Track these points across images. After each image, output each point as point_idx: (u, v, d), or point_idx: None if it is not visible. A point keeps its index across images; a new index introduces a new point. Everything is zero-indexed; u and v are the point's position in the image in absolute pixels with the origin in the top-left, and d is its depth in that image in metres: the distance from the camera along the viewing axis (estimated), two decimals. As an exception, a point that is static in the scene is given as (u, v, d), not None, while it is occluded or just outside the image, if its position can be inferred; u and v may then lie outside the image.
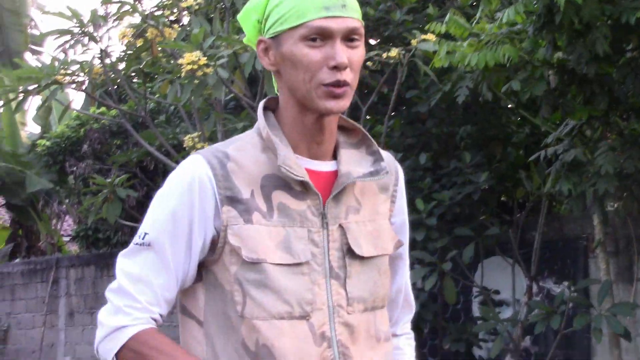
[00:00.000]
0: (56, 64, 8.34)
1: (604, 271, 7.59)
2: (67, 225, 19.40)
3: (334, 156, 2.32)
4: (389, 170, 2.37)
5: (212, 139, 8.90)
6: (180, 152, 9.03)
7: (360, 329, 2.27)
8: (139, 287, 2.20)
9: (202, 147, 8.33)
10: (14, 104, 8.96)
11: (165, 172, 11.54)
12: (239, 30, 8.31)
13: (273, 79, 2.33)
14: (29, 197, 15.79)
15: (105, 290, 2.26)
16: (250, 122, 7.90)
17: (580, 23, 6.34)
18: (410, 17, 8.27)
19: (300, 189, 2.24)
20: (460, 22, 7.26)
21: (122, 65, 9.22)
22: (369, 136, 2.35)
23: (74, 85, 8.63)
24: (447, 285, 8.24)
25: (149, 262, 2.21)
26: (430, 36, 7.40)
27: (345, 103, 2.19)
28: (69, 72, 8.45)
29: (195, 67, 7.39)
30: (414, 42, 7.58)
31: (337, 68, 2.16)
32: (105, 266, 13.08)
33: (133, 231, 12.45)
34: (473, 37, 7.13)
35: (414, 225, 7.97)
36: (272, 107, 2.32)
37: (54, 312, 13.91)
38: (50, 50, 35.49)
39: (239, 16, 2.33)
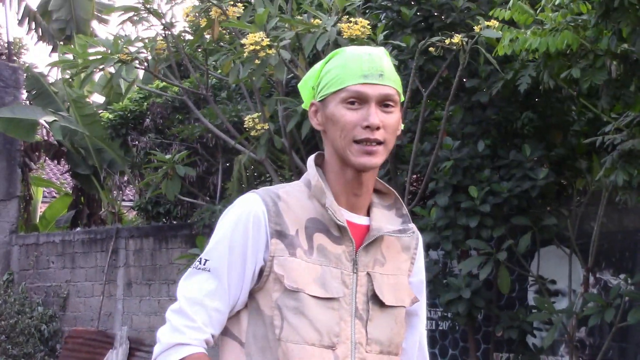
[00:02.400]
0: (120, 42, 8.39)
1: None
2: (129, 191, 19.56)
3: (368, 213, 2.61)
4: (414, 232, 2.69)
5: (272, 119, 8.93)
6: (242, 133, 9.07)
7: None
8: (195, 309, 2.46)
9: (262, 128, 8.38)
10: (82, 76, 9.03)
11: (225, 149, 11.59)
12: (302, 11, 8.32)
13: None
14: (93, 166, 15.96)
15: (166, 311, 2.52)
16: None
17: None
18: (474, 4, 8.21)
19: (338, 234, 2.53)
20: (524, 8, 7.21)
21: (185, 40, 9.28)
22: (401, 200, 2.68)
23: (137, 62, 8.69)
24: (502, 274, 8.21)
25: (206, 286, 2.49)
26: (494, 22, 7.37)
27: (377, 160, 2.50)
28: (133, 50, 8.51)
29: (258, 47, 7.43)
30: (477, 28, 7.54)
31: (369, 128, 2.46)
32: (164, 239, 13.17)
33: (193, 207, 12.55)
34: (537, 25, 7.08)
35: (469, 213, 7.96)
36: (318, 162, 2.62)
37: (112, 281, 14.05)
38: (115, 20, 35.68)
39: (299, 85, 2.66)
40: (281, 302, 2.46)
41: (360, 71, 2.48)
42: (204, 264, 2.50)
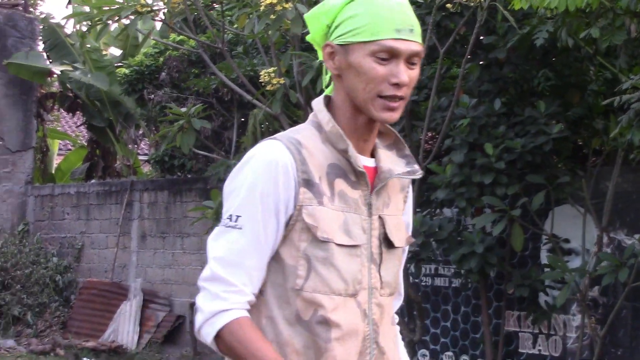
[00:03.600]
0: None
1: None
2: (144, 145, 19.60)
3: (371, 155, 2.58)
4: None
5: (288, 74, 8.90)
6: (257, 88, 9.04)
7: (385, 311, 2.53)
8: (231, 271, 2.38)
9: (278, 83, 8.36)
10: (98, 28, 9.01)
11: (240, 103, 11.58)
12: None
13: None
14: (108, 119, 16.00)
15: (199, 279, 2.44)
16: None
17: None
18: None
19: (354, 179, 2.49)
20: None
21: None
22: (402, 139, 2.64)
23: (152, 14, 8.66)
24: (516, 232, 8.20)
25: (240, 244, 2.39)
26: (512, -21, 7.29)
27: (397, 115, 2.44)
28: (149, 2, 8.48)
29: (275, 1, 7.39)
30: (495, -15, 7.48)
31: (397, 85, 2.40)
32: (178, 192, 13.20)
33: (208, 161, 12.56)
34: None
35: (483, 170, 7.94)
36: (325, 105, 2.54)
37: (126, 234, 14.13)
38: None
39: (306, 15, 2.53)
40: (310, 253, 2.40)
41: (393, 24, 2.38)
42: (236, 221, 2.39)
